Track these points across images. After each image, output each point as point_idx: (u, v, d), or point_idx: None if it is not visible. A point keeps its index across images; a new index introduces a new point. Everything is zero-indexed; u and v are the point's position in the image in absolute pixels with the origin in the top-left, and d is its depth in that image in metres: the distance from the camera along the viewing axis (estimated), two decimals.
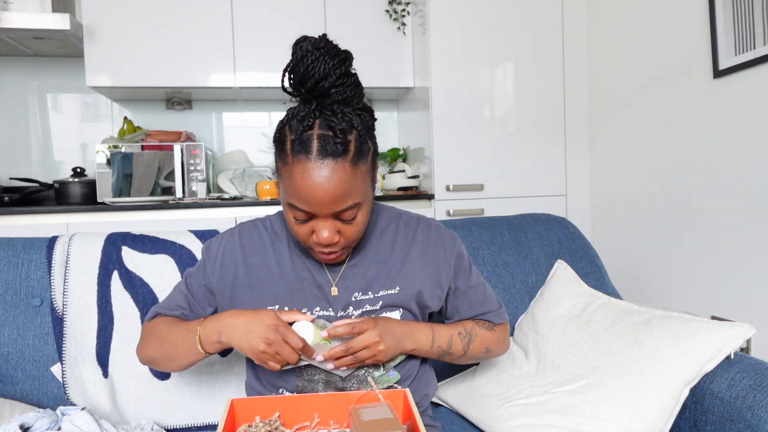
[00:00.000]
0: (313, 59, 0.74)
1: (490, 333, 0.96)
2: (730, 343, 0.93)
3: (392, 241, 0.92)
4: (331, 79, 0.75)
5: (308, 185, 0.73)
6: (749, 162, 1.60)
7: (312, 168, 0.73)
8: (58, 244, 1.16)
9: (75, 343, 1.10)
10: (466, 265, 0.97)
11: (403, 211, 0.98)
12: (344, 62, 0.76)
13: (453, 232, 0.98)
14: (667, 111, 1.93)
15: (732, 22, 1.61)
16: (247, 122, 2.82)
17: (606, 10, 2.28)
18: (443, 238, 0.95)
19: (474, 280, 0.97)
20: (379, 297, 0.89)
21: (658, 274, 2.02)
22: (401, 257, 0.91)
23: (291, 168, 0.75)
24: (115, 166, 2.29)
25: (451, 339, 0.91)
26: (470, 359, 0.95)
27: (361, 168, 0.77)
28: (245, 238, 0.92)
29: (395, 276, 0.90)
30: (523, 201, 2.36)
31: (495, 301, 0.99)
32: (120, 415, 1.08)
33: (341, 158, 0.74)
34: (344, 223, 0.79)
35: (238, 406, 0.76)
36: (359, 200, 0.77)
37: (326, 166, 0.73)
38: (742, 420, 0.84)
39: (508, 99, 2.36)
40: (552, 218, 1.45)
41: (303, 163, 0.74)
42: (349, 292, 0.88)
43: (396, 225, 0.94)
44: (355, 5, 2.45)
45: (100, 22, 2.27)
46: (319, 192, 0.73)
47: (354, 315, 0.88)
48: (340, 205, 0.75)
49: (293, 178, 0.75)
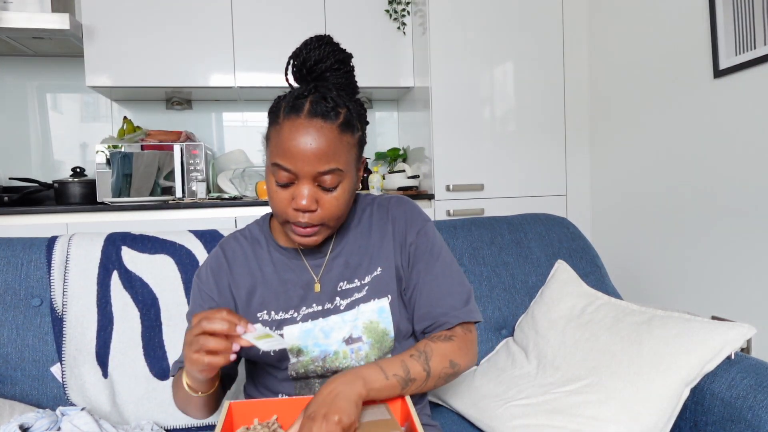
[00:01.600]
0: (313, 47, 0.81)
1: (448, 343, 0.85)
2: (730, 344, 0.93)
3: (369, 225, 0.92)
4: (329, 62, 0.81)
5: (295, 139, 0.77)
6: (749, 162, 1.60)
7: (301, 125, 0.77)
8: (57, 244, 1.16)
9: (75, 343, 1.10)
10: (433, 249, 0.91)
11: (374, 195, 0.97)
12: (342, 53, 0.83)
13: (424, 214, 0.95)
14: (667, 111, 1.93)
15: (732, 22, 1.61)
16: (247, 122, 2.82)
17: (606, 10, 2.28)
18: (408, 215, 0.92)
19: (438, 269, 0.89)
20: (365, 284, 0.88)
21: (658, 274, 2.02)
22: (379, 238, 0.91)
23: (280, 127, 0.79)
24: (114, 166, 2.28)
25: (404, 363, 0.80)
26: (438, 379, 0.83)
27: (347, 137, 0.80)
28: (228, 252, 0.93)
29: (375, 256, 0.89)
30: (523, 201, 2.36)
31: (460, 299, 0.89)
32: (120, 415, 1.08)
33: (329, 120, 0.78)
34: (324, 192, 0.79)
35: (236, 409, 0.76)
36: (342, 168, 0.79)
37: (314, 125, 0.77)
38: (743, 420, 0.84)
39: (508, 99, 2.36)
40: (552, 218, 1.44)
41: (293, 121, 0.78)
42: (333, 282, 0.88)
43: (371, 209, 0.94)
44: (355, 5, 2.45)
45: (100, 21, 2.27)
46: (304, 148, 0.76)
47: (342, 305, 0.87)
48: (323, 165, 0.77)
49: (281, 136, 0.78)
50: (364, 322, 0.87)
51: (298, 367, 0.87)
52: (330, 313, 0.88)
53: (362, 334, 0.87)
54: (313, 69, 0.81)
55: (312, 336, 0.87)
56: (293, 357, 0.87)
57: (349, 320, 0.87)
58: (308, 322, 0.87)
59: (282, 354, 0.87)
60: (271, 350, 0.73)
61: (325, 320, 0.87)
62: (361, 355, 0.87)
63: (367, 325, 0.87)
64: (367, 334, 0.87)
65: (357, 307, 0.88)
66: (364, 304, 0.88)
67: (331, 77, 0.82)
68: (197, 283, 0.92)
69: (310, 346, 0.87)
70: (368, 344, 0.87)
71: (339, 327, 0.87)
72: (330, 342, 0.87)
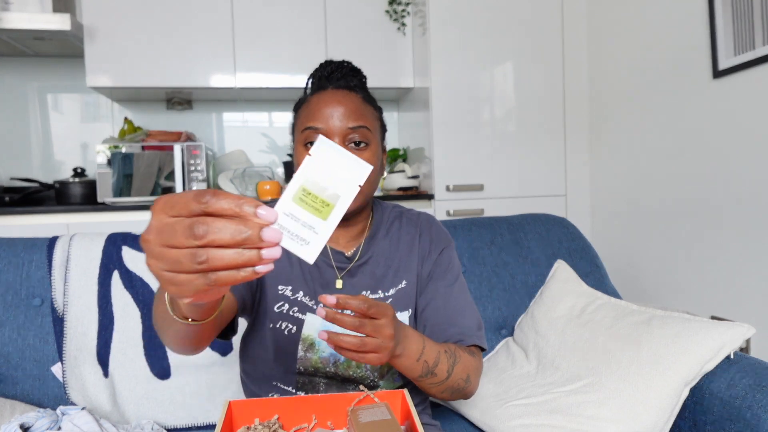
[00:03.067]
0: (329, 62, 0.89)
1: (472, 359, 0.86)
2: (729, 343, 0.93)
3: (397, 238, 0.93)
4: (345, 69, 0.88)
5: (323, 104, 0.82)
6: (749, 162, 1.60)
7: (328, 93, 0.84)
8: (58, 244, 1.16)
9: (75, 342, 1.10)
10: (452, 270, 0.93)
11: (405, 208, 0.99)
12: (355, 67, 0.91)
13: (449, 236, 0.97)
14: (666, 111, 1.93)
15: (731, 23, 1.61)
16: (247, 122, 2.82)
17: (606, 11, 2.28)
18: (436, 236, 0.94)
19: (455, 291, 0.91)
20: (390, 296, 0.88)
21: (657, 274, 2.02)
22: (406, 252, 0.92)
23: (308, 103, 0.85)
24: (115, 166, 2.29)
25: (439, 356, 0.79)
26: (448, 387, 0.82)
27: (370, 109, 0.86)
28: None
29: (401, 269, 0.90)
30: (523, 201, 2.36)
31: (473, 323, 0.90)
32: (120, 414, 1.08)
33: (353, 91, 0.85)
34: (357, 150, 0.82)
35: (236, 407, 0.75)
36: (370, 128, 0.83)
37: (340, 93, 0.84)
38: (742, 420, 0.84)
39: (508, 99, 2.36)
40: (552, 218, 1.45)
41: (319, 94, 0.85)
42: (356, 290, 0.88)
43: (400, 222, 0.95)
44: (355, 6, 2.45)
45: (101, 22, 2.27)
46: (333, 108, 0.82)
47: None
48: (352, 121, 0.81)
49: (310, 107, 0.84)
50: None
51: (307, 364, 0.86)
52: None
53: None
54: (331, 77, 0.87)
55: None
56: (302, 350, 0.86)
57: None
58: None
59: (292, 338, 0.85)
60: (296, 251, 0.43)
61: None
62: (374, 366, 0.86)
63: None
64: None
65: None
66: None
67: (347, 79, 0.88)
68: None
69: (323, 344, 0.86)
70: None
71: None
72: None
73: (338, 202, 0.45)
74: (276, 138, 2.84)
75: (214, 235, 0.37)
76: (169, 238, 0.38)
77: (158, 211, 0.39)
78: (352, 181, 0.46)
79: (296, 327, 0.86)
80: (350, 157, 0.47)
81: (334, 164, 0.46)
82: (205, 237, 0.37)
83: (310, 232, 0.44)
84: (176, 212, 0.39)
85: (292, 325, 0.86)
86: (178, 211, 0.39)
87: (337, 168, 0.46)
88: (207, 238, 0.37)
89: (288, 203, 0.44)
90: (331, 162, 0.46)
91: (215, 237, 0.38)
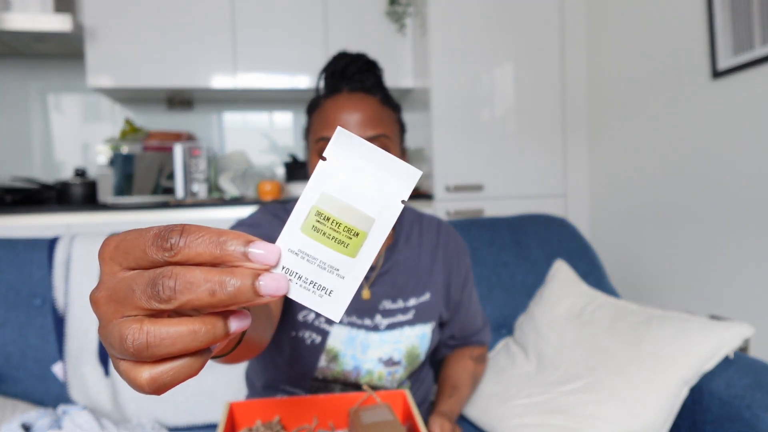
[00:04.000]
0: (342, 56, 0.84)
1: (482, 366, 1.03)
2: (728, 343, 0.93)
3: (418, 244, 0.90)
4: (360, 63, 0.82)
5: (339, 111, 0.77)
6: (748, 162, 1.60)
7: (343, 98, 0.79)
8: (59, 245, 1.16)
9: (76, 342, 1.10)
10: (470, 281, 0.97)
11: (419, 211, 0.97)
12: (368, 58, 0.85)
13: (466, 246, 0.98)
14: (666, 111, 1.94)
15: (730, 23, 1.61)
16: (248, 123, 2.83)
17: (605, 11, 2.28)
18: (459, 247, 0.95)
19: (466, 298, 0.95)
20: (411, 307, 0.86)
21: (657, 274, 2.02)
22: (429, 262, 0.89)
23: (322, 108, 0.80)
24: (116, 166, 2.29)
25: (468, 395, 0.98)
26: None
27: (388, 111, 0.81)
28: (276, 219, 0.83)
29: (426, 281, 0.88)
30: (522, 201, 2.36)
31: (480, 322, 1.00)
32: (121, 413, 1.09)
33: (370, 93, 0.80)
34: None
35: (237, 409, 0.75)
36: (389, 135, 0.79)
37: (356, 97, 0.79)
38: (741, 419, 0.85)
39: (508, 99, 2.36)
40: (551, 218, 1.45)
41: (334, 98, 0.79)
42: (376, 299, 0.85)
43: (419, 227, 0.92)
44: (355, 6, 2.46)
45: (102, 23, 2.27)
46: (350, 116, 0.77)
47: (383, 325, 0.84)
48: (369, 130, 0.77)
49: (324, 113, 0.78)
50: (407, 346, 0.85)
51: (327, 374, 0.84)
52: (369, 330, 0.84)
53: (402, 358, 0.85)
54: (345, 72, 0.82)
55: (353, 346, 0.83)
56: (325, 360, 0.83)
57: (389, 341, 0.85)
58: (354, 330, 0.84)
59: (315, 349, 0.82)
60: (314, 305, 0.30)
61: (366, 333, 0.84)
62: (396, 377, 0.85)
63: (409, 349, 0.86)
64: (406, 358, 0.86)
65: (401, 329, 0.85)
66: (409, 327, 0.86)
67: (363, 78, 0.83)
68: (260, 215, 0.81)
69: (348, 357, 0.83)
70: (403, 367, 0.86)
71: (377, 345, 0.84)
72: (365, 359, 0.84)
73: (372, 229, 0.29)
74: (277, 138, 2.84)
75: (186, 295, 0.25)
76: (124, 301, 0.26)
77: (108, 259, 0.27)
78: (393, 195, 0.29)
79: (321, 337, 0.83)
80: (387, 158, 0.30)
81: (362, 170, 0.30)
82: (174, 299, 0.25)
83: (332, 276, 0.29)
84: (133, 262, 0.27)
85: (317, 335, 0.83)
86: (135, 260, 0.27)
87: (368, 176, 0.30)
88: (177, 300, 0.25)
89: (296, 235, 0.29)
90: (357, 167, 0.30)
91: (189, 297, 0.25)
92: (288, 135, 2.86)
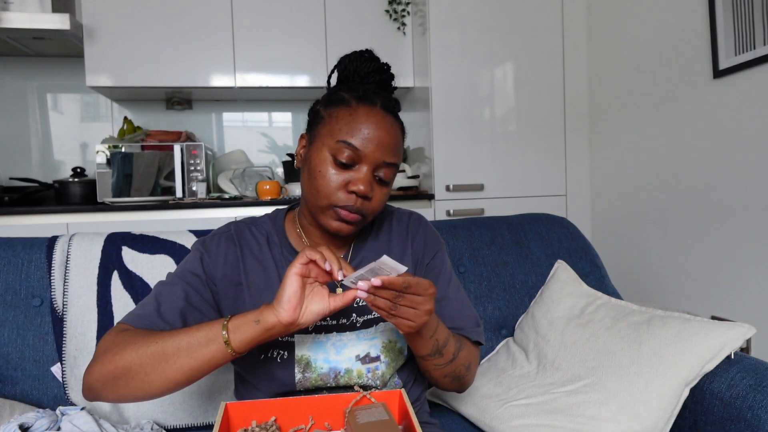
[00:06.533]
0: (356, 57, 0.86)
1: (474, 349, 0.91)
2: (730, 343, 0.93)
3: (387, 240, 0.91)
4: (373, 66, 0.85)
5: (372, 125, 0.78)
6: (749, 162, 1.60)
7: (378, 114, 0.80)
8: (58, 244, 1.16)
9: (75, 343, 1.10)
10: (445, 273, 0.93)
11: (394, 207, 0.97)
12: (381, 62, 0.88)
13: (440, 238, 0.97)
14: (666, 111, 1.93)
15: (732, 22, 1.61)
16: (247, 122, 2.82)
17: (606, 11, 2.28)
18: (428, 238, 0.94)
19: (451, 292, 0.92)
20: None
21: (658, 274, 2.02)
22: (398, 255, 0.90)
23: (354, 110, 0.79)
24: (115, 166, 2.29)
25: (448, 338, 0.82)
26: (451, 372, 0.85)
27: (402, 142, 0.84)
28: (242, 239, 0.88)
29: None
30: (523, 201, 2.36)
31: (472, 320, 0.92)
32: (120, 414, 1.08)
33: (397, 120, 0.83)
34: (378, 185, 0.80)
35: (233, 409, 0.75)
36: (397, 166, 0.82)
37: (389, 120, 0.81)
38: (742, 420, 0.84)
39: (508, 99, 2.36)
40: (552, 218, 1.45)
41: (369, 108, 0.80)
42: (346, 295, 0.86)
43: (390, 223, 0.93)
44: (355, 5, 2.45)
45: (100, 22, 2.27)
46: (379, 135, 0.78)
47: (359, 322, 0.85)
48: (390, 156, 0.79)
49: (357, 119, 0.78)
50: (383, 341, 0.86)
51: (307, 384, 0.83)
52: (345, 329, 0.85)
53: (380, 354, 0.85)
54: (369, 77, 0.84)
55: (323, 350, 0.83)
56: (299, 372, 0.83)
57: (365, 338, 0.85)
58: (321, 335, 0.84)
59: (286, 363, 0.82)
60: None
61: (339, 335, 0.84)
62: (378, 374, 0.85)
63: (385, 344, 0.86)
64: (385, 353, 0.86)
65: (375, 325, 0.86)
66: (384, 322, 0.86)
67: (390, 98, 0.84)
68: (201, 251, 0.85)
69: (320, 361, 0.83)
70: (385, 363, 0.86)
71: (353, 344, 0.84)
72: (341, 359, 0.84)
73: None
74: (276, 138, 2.84)
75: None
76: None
77: None
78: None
79: (287, 351, 0.83)
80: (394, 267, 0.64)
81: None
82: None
83: None
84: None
85: (283, 350, 0.82)
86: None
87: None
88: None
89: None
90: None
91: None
92: (287, 134, 2.86)
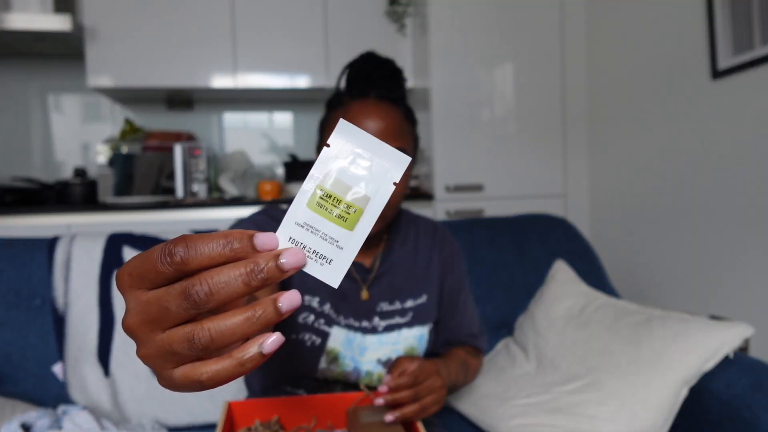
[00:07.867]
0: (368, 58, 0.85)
1: (477, 361, 0.97)
2: (728, 343, 0.93)
3: (414, 247, 0.92)
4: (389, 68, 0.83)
5: (364, 118, 0.77)
6: (748, 162, 1.60)
7: (371, 104, 0.78)
8: (59, 245, 1.16)
9: (76, 342, 1.10)
10: (466, 286, 0.97)
11: (415, 214, 0.98)
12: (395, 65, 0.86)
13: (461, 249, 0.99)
14: (666, 112, 1.93)
15: (730, 23, 1.61)
16: (248, 123, 2.83)
17: (605, 11, 2.28)
18: (455, 250, 0.96)
19: (469, 304, 0.97)
20: (408, 308, 0.87)
21: (657, 274, 2.02)
22: (425, 265, 0.91)
23: (346, 108, 0.79)
24: (116, 166, 2.29)
25: (458, 375, 0.89)
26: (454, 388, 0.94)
27: (409, 126, 0.82)
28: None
29: (422, 283, 0.89)
30: (522, 201, 2.36)
31: (478, 327, 0.98)
32: (121, 414, 1.09)
33: (396, 104, 0.80)
34: None
35: (236, 409, 0.75)
36: (407, 149, 0.80)
37: (383, 107, 0.78)
38: (741, 419, 0.85)
39: (508, 99, 2.36)
40: (551, 219, 1.45)
41: (361, 102, 0.78)
42: (374, 301, 0.86)
43: (415, 230, 0.94)
44: (355, 6, 2.46)
45: (102, 23, 2.27)
46: (374, 125, 0.76)
47: (381, 327, 0.85)
48: (393, 140, 0.77)
49: (349, 114, 0.78)
50: (405, 347, 0.86)
51: (328, 375, 0.84)
52: (367, 332, 0.85)
53: None
54: (371, 75, 0.82)
55: (351, 347, 0.84)
56: (325, 362, 0.83)
57: (387, 342, 0.86)
58: (351, 332, 0.85)
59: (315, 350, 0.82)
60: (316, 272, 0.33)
61: (362, 337, 0.85)
62: None
63: (407, 350, 0.87)
64: None
65: (399, 330, 0.86)
66: (407, 329, 0.87)
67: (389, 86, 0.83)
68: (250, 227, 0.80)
69: (347, 358, 0.84)
70: None
71: (374, 348, 0.85)
72: (363, 360, 0.85)
73: (368, 206, 0.34)
74: (277, 138, 2.84)
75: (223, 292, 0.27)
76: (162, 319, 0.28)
77: (127, 288, 0.29)
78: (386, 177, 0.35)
79: (321, 339, 0.83)
80: (382, 146, 0.35)
81: (360, 156, 0.35)
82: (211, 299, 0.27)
83: (332, 247, 0.33)
84: (150, 283, 0.28)
85: (317, 337, 0.83)
86: (151, 281, 0.28)
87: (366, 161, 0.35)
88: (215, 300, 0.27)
89: (302, 210, 0.33)
90: (356, 153, 0.35)
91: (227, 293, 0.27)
92: (288, 135, 2.86)
